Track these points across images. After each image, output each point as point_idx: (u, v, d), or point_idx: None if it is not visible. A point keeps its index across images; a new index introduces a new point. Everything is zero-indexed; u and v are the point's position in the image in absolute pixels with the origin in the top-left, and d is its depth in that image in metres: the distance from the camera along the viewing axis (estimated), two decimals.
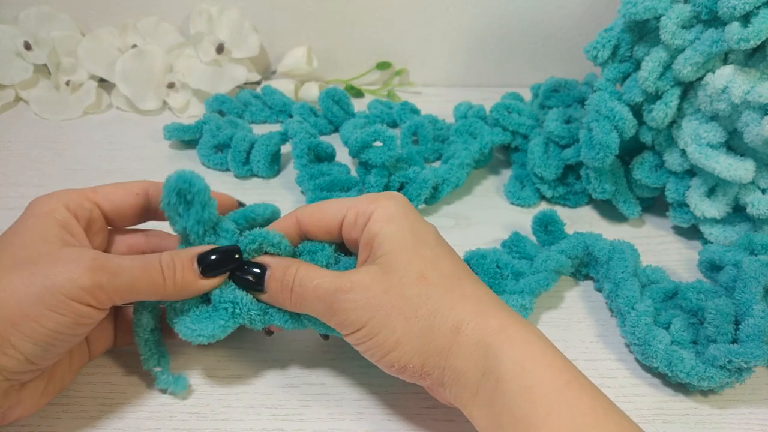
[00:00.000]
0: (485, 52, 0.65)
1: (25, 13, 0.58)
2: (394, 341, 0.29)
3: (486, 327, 0.28)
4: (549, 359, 0.27)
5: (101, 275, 0.27)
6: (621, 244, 0.41)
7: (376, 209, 0.31)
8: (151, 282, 0.29)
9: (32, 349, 0.27)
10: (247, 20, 0.60)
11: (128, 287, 0.28)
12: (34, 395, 0.30)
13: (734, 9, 0.37)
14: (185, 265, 0.30)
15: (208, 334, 0.31)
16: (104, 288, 0.28)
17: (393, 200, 0.32)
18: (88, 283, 0.27)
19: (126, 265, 0.29)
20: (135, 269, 0.29)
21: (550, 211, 0.44)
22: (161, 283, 0.29)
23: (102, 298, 0.28)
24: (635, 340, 0.37)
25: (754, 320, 0.34)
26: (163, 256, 0.30)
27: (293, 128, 0.51)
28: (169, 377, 0.33)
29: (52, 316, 0.27)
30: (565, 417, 0.25)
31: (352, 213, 0.32)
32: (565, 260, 0.40)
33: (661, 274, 0.42)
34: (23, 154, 0.53)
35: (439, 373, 0.29)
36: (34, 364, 0.28)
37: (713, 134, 0.42)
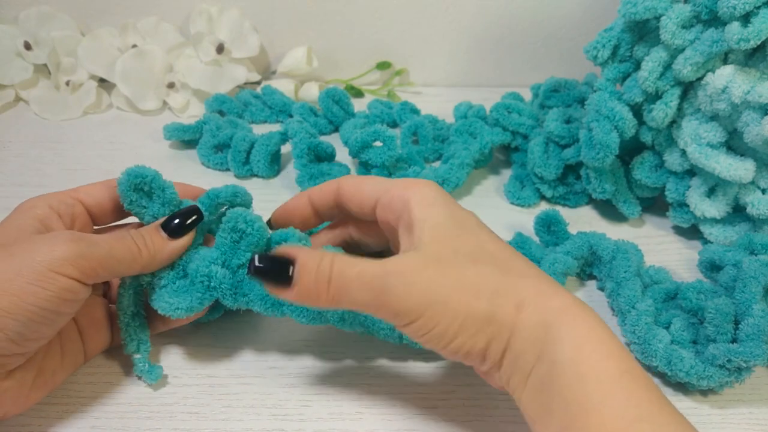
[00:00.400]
0: (485, 52, 0.65)
1: (25, 13, 0.58)
2: (458, 327, 0.27)
3: (547, 307, 0.27)
4: (608, 346, 0.26)
5: (80, 245, 0.28)
6: (625, 244, 0.41)
7: (412, 194, 0.30)
8: (127, 250, 0.30)
9: (13, 325, 0.26)
10: (247, 20, 0.60)
11: (107, 256, 0.29)
12: (21, 387, 0.29)
13: (734, 9, 0.37)
14: (152, 232, 0.32)
15: (185, 306, 0.32)
16: (87, 257, 0.28)
17: (429, 186, 0.31)
18: (69, 253, 0.27)
19: (102, 237, 0.30)
20: (111, 240, 0.30)
21: (552, 211, 0.44)
22: (137, 250, 0.30)
23: (86, 268, 0.28)
24: (635, 339, 0.37)
25: (754, 320, 0.34)
26: (131, 230, 0.31)
27: (293, 128, 0.51)
28: (144, 365, 0.34)
29: (33, 289, 0.26)
30: (618, 407, 0.24)
31: (388, 196, 0.31)
32: (571, 262, 0.40)
33: (664, 275, 0.42)
34: (23, 154, 0.53)
35: (499, 356, 0.27)
36: (17, 344, 0.27)
37: (713, 134, 0.42)
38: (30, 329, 0.27)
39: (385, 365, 0.37)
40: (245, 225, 0.32)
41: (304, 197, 0.35)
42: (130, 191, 0.32)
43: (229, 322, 0.38)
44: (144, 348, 0.34)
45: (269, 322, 0.39)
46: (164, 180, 0.33)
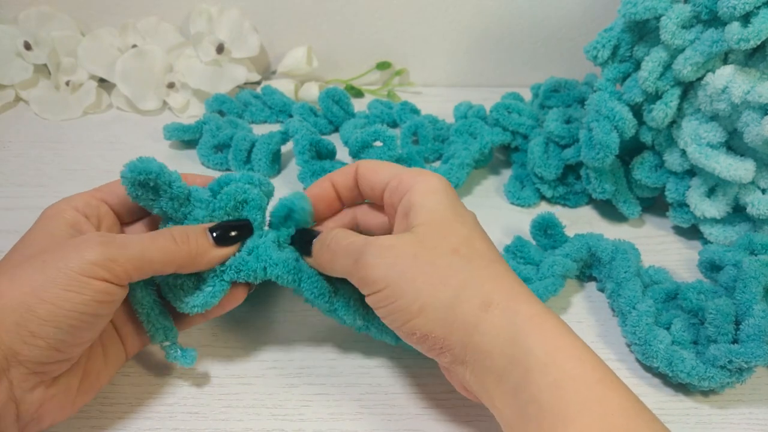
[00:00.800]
0: (485, 52, 0.65)
1: (25, 13, 0.58)
2: (418, 307, 0.28)
3: (517, 311, 0.27)
4: (580, 353, 0.26)
5: (111, 248, 0.28)
6: (623, 244, 0.41)
7: (418, 182, 0.31)
8: (163, 249, 0.29)
9: (54, 332, 0.26)
10: (247, 20, 0.60)
11: (140, 256, 0.29)
12: (68, 393, 0.29)
13: (734, 9, 0.37)
14: (198, 233, 0.31)
15: (200, 303, 0.32)
16: (117, 260, 0.28)
17: (437, 177, 0.32)
18: (98, 257, 0.27)
19: (135, 238, 0.29)
20: (145, 240, 0.29)
21: (548, 215, 0.43)
22: (174, 248, 0.30)
23: (117, 271, 0.28)
24: (636, 340, 0.37)
25: (755, 320, 0.34)
26: (174, 228, 0.31)
27: (294, 126, 0.51)
28: (176, 351, 0.33)
29: (69, 295, 0.26)
30: (596, 415, 0.25)
31: (397, 180, 0.32)
32: (571, 264, 0.40)
33: (664, 275, 0.42)
34: (23, 154, 0.53)
35: (461, 350, 0.28)
36: (60, 351, 0.27)
37: (713, 134, 0.42)
38: (71, 335, 0.27)
39: (385, 365, 0.37)
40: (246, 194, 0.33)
41: (326, 181, 0.35)
42: (134, 187, 0.31)
43: (229, 322, 0.39)
44: (171, 335, 0.33)
45: (269, 322, 0.39)
46: (170, 173, 0.32)
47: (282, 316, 0.39)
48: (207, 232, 0.32)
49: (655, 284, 0.41)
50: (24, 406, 0.27)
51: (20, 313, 0.26)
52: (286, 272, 0.33)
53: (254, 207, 0.34)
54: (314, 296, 0.33)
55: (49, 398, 0.28)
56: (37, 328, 0.26)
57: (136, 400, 0.34)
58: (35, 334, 0.26)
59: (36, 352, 0.26)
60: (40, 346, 0.26)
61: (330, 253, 0.31)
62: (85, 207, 0.32)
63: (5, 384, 0.26)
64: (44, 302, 0.26)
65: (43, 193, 0.49)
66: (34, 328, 0.26)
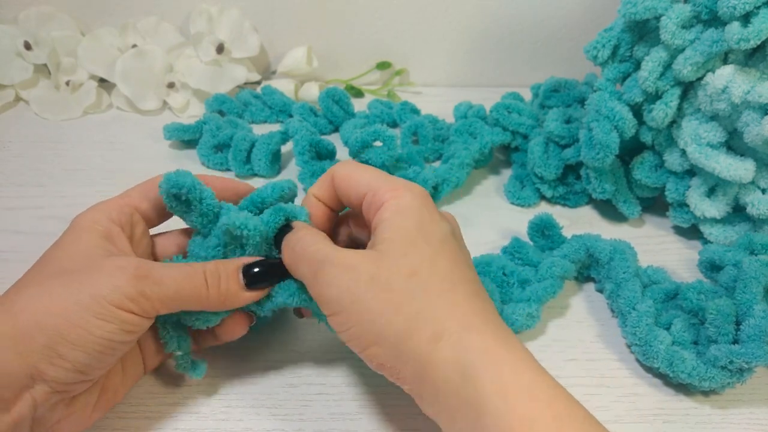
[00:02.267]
0: (485, 52, 0.65)
1: (25, 13, 0.58)
2: (374, 336, 0.27)
3: (468, 344, 0.26)
4: (536, 388, 0.25)
5: (145, 284, 0.28)
6: (621, 244, 0.41)
7: (390, 198, 0.30)
8: (194, 291, 0.29)
9: (82, 357, 0.26)
10: (247, 20, 0.60)
11: (172, 296, 0.28)
12: (85, 409, 0.29)
13: (734, 9, 0.37)
14: (230, 275, 0.30)
15: (214, 320, 0.32)
16: (148, 296, 0.28)
17: (410, 192, 0.30)
18: (132, 292, 0.27)
19: (170, 274, 0.29)
20: (179, 278, 0.29)
21: (545, 215, 0.43)
22: (205, 293, 0.29)
23: (146, 306, 0.28)
24: (636, 341, 0.37)
25: (755, 320, 0.34)
26: (207, 266, 0.30)
27: (294, 126, 0.51)
28: (187, 362, 0.33)
29: (99, 323, 0.26)
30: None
31: (371, 194, 0.31)
32: (569, 265, 0.40)
33: (662, 275, 0.42)
34: (23, 154, 0.53)
35: (418, 383, 0.27)
36: (84, 374, 0.27)
37: (713, 134, 0.42)
38: (96, 359, 0.27)
39: None
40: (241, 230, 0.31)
41: (309, 197, 0.34)
42: (169, 198, 0.31)
43: None
44: (185, 345, 0.33)
45: (269, 322, 0.39)
46: (202, 188, 0.31)
47: (282, 316, 0.39)
48: (239, 273, 0.30)
49: (653, 284, 0.41)
50: (42, 422, 0.27)
51: (49, 335, 0.26)
52: None
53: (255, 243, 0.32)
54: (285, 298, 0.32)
55: (67, 416, 0.28)
56: (65, 352, 0.26)
57: (136, 400, 0.34)
58: (63, 357, 0.26)
59: (61, 373, 0.26)
60: (66, 368, 0.26)
61: (295, 256, 0.30)
62: (119, 216, 0.31)
63: (29, 401, 0.26)
64: (75, 327, 0.26)
65: (43, 193, 0.49)
66: (63, 351, 0.26)
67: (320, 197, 0.34)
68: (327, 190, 0.33)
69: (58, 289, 0.27)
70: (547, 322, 0.40)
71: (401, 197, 0.30)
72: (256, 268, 0.31)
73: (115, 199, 0.32)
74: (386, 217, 0.29)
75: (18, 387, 0.26)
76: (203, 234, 0.33)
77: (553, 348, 0.39)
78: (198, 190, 0.31)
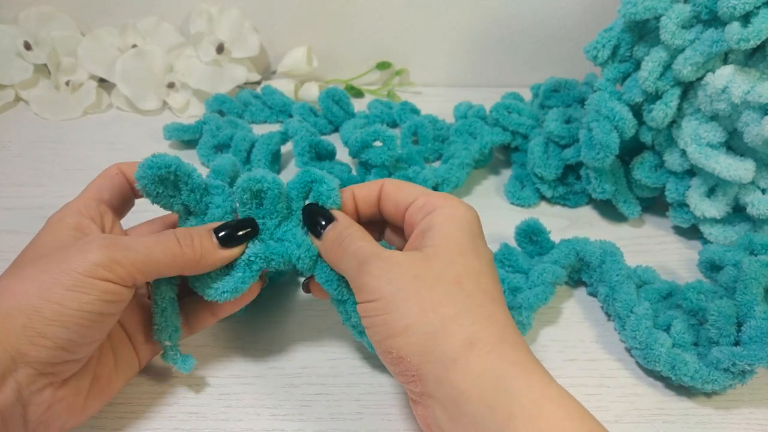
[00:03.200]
0: (485, 52, 0.65)
1: (25, 13, 0.58)
2: (403, 327, 0.27)
3: (503, 355, 0.26)
4: (568, 404, 0.25)
5: (114, 250, 0.28)
6: (608, 245, 0.41)
7: (445, 205, 0.31)
8: (167, 251, 0.29)
9: (61, 332, 0.26)
10: (247, 20, 0.60)
11: (144, 259, 0.28)
12: (77, 395, 0.29)
13: (734, 9, 0.37)
14: (203, 234, 0.31)
15: (230, 288, 0.31)
16: (120, 262, 0.28)
17: (464, 206, 0.31)
18: (102, 259, 0.27)
19: (139, 240, 0.29)
20: (148, 242, 0.29)
21: (532, 221, 0.43)
22: (179, 251, 0.29)
23: (121, 273, 0.28)
24: (636, 344, 0.37)
25: (756, 322, 0.34)
26: (177, 230, 0.30)
27: (294, 127, 0.51)
28: (177, 354, 0.33)
29: (74, 295, 0.26)
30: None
31: (422, 200, 0.32)
32: (560, 271, 0.40)
33: (652, 274, 0.41)
34: (23, 154, 0.53)
35: (434, 384, 0.27)
36: (68, 351, 0.27)
37: (713, 134, 0.42)
38: (77, 334, 0.27)
39: None
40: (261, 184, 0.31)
41: (347, 192, 0.34)
42: (155, 184, 0.30)
43: (229, 322, 0.39)
44: (175, 336, 0.33)
45: (269, 322, 0.39)
46: (187, 164, 0.31)
47: (282, 316, 0.39)
48: (212, 233, 0.31)
49: (645, 284, 0.41)
50: (32, 408, 0.27)
51: (27, 314, 0.26)
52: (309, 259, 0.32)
53: (273, 197, 0.32)
54: (323, 281, 0.32)
55: (58, 401, 0.28)
56: (43, 329, 0.26)
57: (136, 400, 0.34)
58: (42, 335, 0.26)
59: (43, 352, 0.26)
60: (47, 347, 0.26)
61: (341, 250, 0.30)
62: (86, 209, 0.32)
63: (12, 385, 0.26)
64: (50, 302, 0.26)
65: (43, 193, 0.49)
66: (41, 328, 0.26)
67: (359, 198, 0.34)
68: (371, 194, 0.34)
69: (31, 272, 0.27)
70: (546, 324, 0.40)
71: (455, 207, 0.31)
72: (224, 231, 0.31)
73: (78, 196, 0.33)
74: (438, 222, 0.30)
75: (1, 370, 0.26)
76: (196, 213, 0.32)
77: (553, 348, 0.39)
78: (184, 165, 0.31)
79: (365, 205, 0.34)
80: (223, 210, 0.32)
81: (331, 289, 0.32)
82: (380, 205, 0.34)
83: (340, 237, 0.31)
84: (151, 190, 0.31)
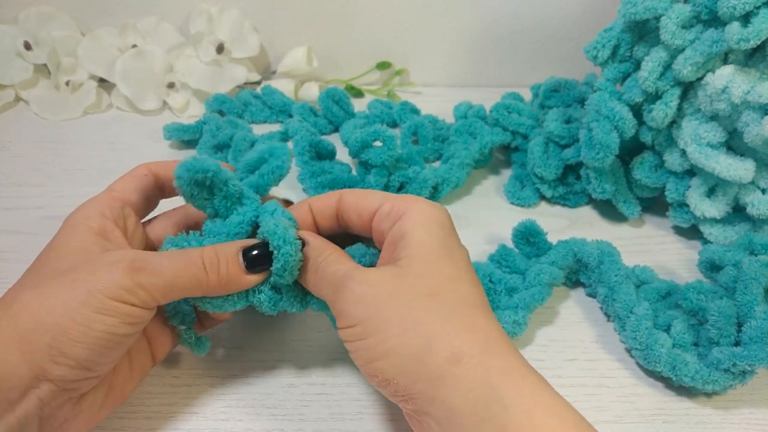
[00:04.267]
0: (485, 52, 0.65)
1: (25, 13, 0.58)
2: (385, 350, 0.26)
3: (490, 366, 0.25)
4: (560, 411, 0.25)
5: (142, 275, 0.27)
6: (606, 245, 0.41)
7: (412, 209, 0.30)
8: (192, 278, 0.29)
9: (85, 353, 0.26)
10: (247, 20, 0.60)
11: (170, 285, 0.28)
12: (92, 408, 0.29)
13: (734, 9, 0.37)
14: (230, 259, 0.30)
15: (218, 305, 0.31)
16: (146, 287, 0.27)
17: (433, 207, 0.30)
18: (129, 284, 0.27)
19: (167, 264, 0.28)
20: (176, 267, 0.28)
21: (529, 222, 0.43)
22: (204, 278, 0.29)
23: (145, 297, 0.27)
24: (637, 345, 0.36)
25: (757, 322, 0.34)
26: (204, 251, 0.29)
27: (294, 127, 0.51)
28: (191, 337, 0.33)
29: (99, 318, 0.26)
30: None
31: (388, 206, 0.31)
32: (557, 272, 0.40)
33: (650, 274, 0.41)
34: (23, 154, 0.53)
35: (427, 403, 0.26)
36: (90, 370, 0.27)
37: (713, 134, 0.42)
38: (100, 354, 0.27)
39: None
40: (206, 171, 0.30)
41: (304, 206, 0.34)
42: (191, 186, 0.30)
43: (229, 322, 0.38)
44: (188, 320, 0.33)
45: (269, 322, 0.39)
46: (226, 171, 0.31)
47: (282, 316, 0.39)
48: (239, 256, 0.30)
49: (643, 284, 0.41)
50: (48, 422, 0.27)
51: (52, 334, 0.26)
52: None
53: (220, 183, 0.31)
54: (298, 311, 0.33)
55: (74, 415, 0.28)
56: (68, 349, 0.26)
57: (136, 400, 0.34)
58: (66, 355, 0.26)
59: (66, 371, 0.26)
60: (70, 366, 0.26)
61: (317, 275, 0.30)
62: (110, 211, 0.31)
63: (35, 402, 0.26)
64: (76, 323, 0.26)
65: (43, 193, 0.49)
66: (66, 349, 0.26)
67: (316, 211, 0.33)
68: (328, 207, 0.33)
69: (57, 289, 0.27)
70: (545, 324, 0.40)
71: (423, 210, 0.30)
72: (255, 251, 0.30)
73: (102, 194, 0.32)
74: (408, 229, 0.29)
75: (24, 387, 0.26)
76: (223, 215, 0.32)
77: (553, 348, 0.39)
78: (223, 171, 0.31)
79: (322, 218, 0.33)
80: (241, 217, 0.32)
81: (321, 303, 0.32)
82: (341, 216, 0.33)
83: (316, 262, 0.30)
84: (186, 190, 0.31)
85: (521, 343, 0.39)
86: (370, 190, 0.32)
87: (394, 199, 0.31)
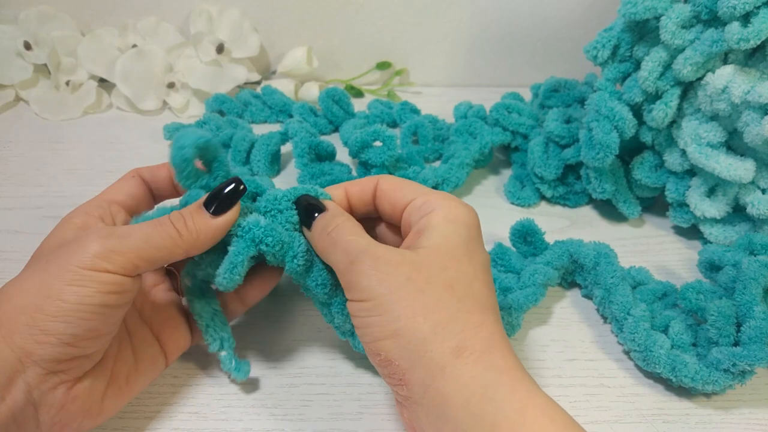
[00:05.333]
0: (485, 52, 0.65)
1: (25, 13, 0.58)
2: (393, 330, 0.27)
3: (490, 363, 0.26)
4: (552, 413, 0.25)
5: (111, 239, 0.27)
6: (602, 246, 0.41)
7: (443, 206, 0.30)
8: (166, 237, 0.29)
9: (63, 327, 0.26)
10: (247, 20, 0.60)
11: (142, 245, 0.28)
12: (92, 395, 0.29)
13: (734, 9, 0.37)
14: (193, 211, 0.30)
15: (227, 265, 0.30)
16: (119, 251, 0.27)
17: (464, 207, 0.31)
18: (99, 249, 0.27)
19: (136, 227, 0.29)
20: (145, 228, 0.29)
21: (527, 221, 0.43)
22: (175, 234, 0.29)
23: (120, 261, 0.27)
24: (635, 347, 0.36)
25: (756, 322, 0.34)
26: (171, 214, 0.30)
27: (293, 127, 0.51)
28: (231, 362, 0.33)
29: (73, 289, 0.26)
30: None
31: (421, 200, 0.31)
32: (552, 272, 0.40)
33: (646, 275, 0.41)
34: (23, 154, 0.53)
35: (421, 391, 0.26)
36: (73, 346, 0.27)
37: (713, 134, 0.42)
38: (81, 328, 0.27)
39: None
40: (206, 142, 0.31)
41: (340, 189, 0.34)
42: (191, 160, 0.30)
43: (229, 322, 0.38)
44: (228, 345, 0.33)
45: (269, 322, 0.39)
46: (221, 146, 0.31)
47: (282, 317, 0.39)
48: (202, 207, 0.30)
49: (639, 285, 0.41)
50: (44, 409, 0.27)
51: (29, 313, 0.26)
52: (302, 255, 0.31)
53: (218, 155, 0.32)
54: (316, 284, 0.32)
55: (71, 401, 0.28)
56: (46, 326, 0.26)
57: (135, 400, 0.34)
58: (45, 332, 0.26)
59: (48, 349, 0.26)
60: (51, 343, 0.26)
61: (329, 241, 0.30)
62: (95, 209, 0.32)
63: (22, 386, 0.26)
64: (50, 299, 0.26)
65: (43, 193, 0.49)
66: (44, 325, 0.26)
67: (352, 195, 0.34)
68: (365, 192, 0.33)
69: (32, 272, 0.27)
70: (545, 324, 0.40)
71: (455, 208, 0.30)
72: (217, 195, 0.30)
73: (92, 199, 0.33)
74: (436, 223, 0.30)
75: (9, 372, 0.26)
76: None
77: (553, 348, 0.39)
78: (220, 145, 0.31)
79: (359, 202, 0.34)
80: None
81: (323, 293, 0.32)
82: (375, 203, 0.33)
83: (327, 227, 0.30)
84: (184, 167, 0.31)
85: (520, 343, 0.39)
86: (406, 181, 0.33)
87: (428, 194, 0.31)
